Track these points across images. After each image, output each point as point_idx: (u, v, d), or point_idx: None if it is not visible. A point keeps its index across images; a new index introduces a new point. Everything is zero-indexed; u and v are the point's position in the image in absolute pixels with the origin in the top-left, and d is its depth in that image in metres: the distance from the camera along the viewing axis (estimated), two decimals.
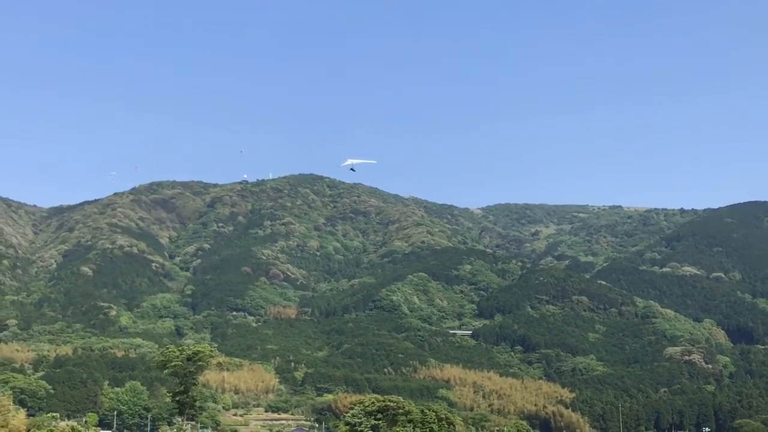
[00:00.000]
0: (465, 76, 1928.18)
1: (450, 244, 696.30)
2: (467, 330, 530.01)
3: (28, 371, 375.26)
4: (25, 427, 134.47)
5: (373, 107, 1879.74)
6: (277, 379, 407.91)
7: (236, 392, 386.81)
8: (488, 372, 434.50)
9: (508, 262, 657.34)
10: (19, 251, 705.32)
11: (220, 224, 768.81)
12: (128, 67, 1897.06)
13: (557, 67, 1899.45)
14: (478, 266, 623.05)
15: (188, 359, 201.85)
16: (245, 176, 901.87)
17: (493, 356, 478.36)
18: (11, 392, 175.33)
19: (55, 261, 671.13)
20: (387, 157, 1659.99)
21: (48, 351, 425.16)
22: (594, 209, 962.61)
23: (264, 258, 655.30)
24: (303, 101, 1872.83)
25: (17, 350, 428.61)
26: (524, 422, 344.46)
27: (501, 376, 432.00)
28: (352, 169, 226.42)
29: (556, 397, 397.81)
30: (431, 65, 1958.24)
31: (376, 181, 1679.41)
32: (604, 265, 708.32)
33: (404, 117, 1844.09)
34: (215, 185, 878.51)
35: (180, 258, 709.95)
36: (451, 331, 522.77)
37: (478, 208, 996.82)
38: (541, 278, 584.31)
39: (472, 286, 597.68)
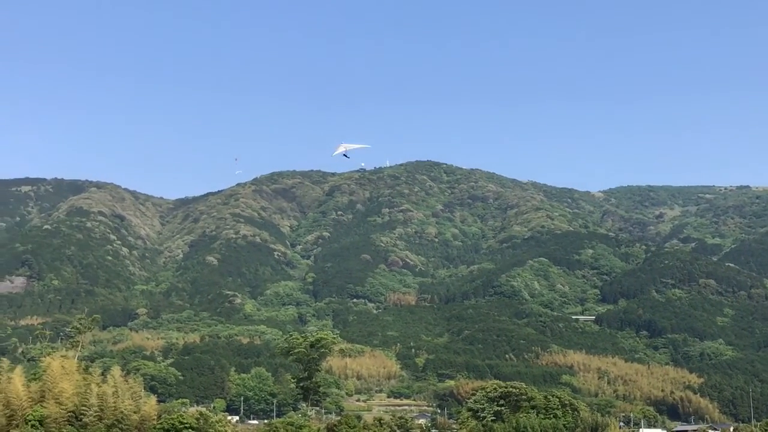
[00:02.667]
0: (588, 60, 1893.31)
1: (571, 228, 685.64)
2: (590, 315, 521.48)
3: (158, 358, 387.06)
4: (155, 413, 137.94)
5: (489, 92, 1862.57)
6: (399, 366, 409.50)
7: (358, 378, 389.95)
8: (613, 357, 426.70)
9: (631, 245, 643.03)
10: (148, 242, 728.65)
11: (339, 212, 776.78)
12: (247, 61, 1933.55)
13: (685, 48, 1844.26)
14: (601, 250, 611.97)
15: (311, 346, 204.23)
16: (363, 164, 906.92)
17: (617, 341, 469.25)
18: (142, 379, 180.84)
19: (182, 251, 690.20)
20: (505, 142, 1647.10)
21: (176, 339, 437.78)
22: (721, 190, 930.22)
23: (383, 245, 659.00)
24: (419, 87, 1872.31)
25: (147, 338, 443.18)
26: (651, 408, 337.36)
27: (626, 361, 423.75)
28: (345, 155, 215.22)
29: (684, 383, 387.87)
30: (556, 50, 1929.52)
31: (493, 166, 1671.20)
32: (732, 247, 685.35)
33: (522, 100, 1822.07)
34: (334, 174, 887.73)
35: (301, 246, 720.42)
36: (573, 317, 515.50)
37: (600, 191, 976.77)
38: (667, 262, 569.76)
39: (595, 271, 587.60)
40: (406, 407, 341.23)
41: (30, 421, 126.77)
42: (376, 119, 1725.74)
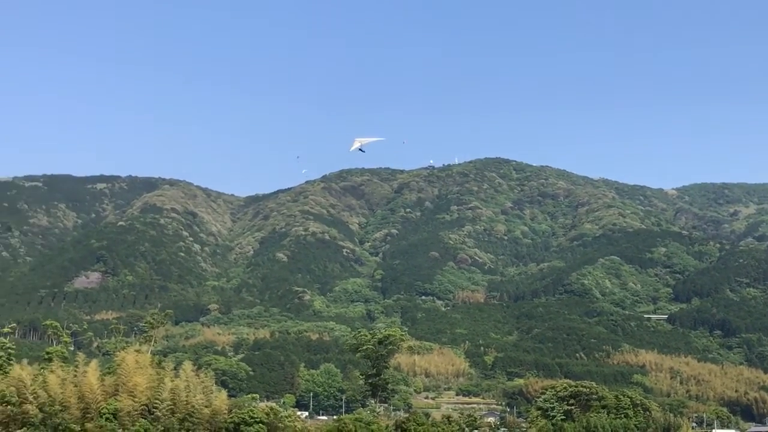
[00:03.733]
0: (660, 58, 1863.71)
1: (643, 226, 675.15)
2: (662, 314, 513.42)
3: (229, 353, 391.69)
4: (226, 408, 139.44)
5: (559, 90, 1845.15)
6: (467, 363, 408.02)
7: (427, 375, 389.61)
8: (685, 357, 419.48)
9: (705, 243, 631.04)
10: (219, 239, 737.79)
11: (408, 210, 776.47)
12: (317, 61, 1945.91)
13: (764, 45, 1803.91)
14: (674, 248, 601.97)
15: (380, 343, 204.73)
16: (431, 161, 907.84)
17: (690, 341, 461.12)
18: (213, 374, 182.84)
19: (252, 248, 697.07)
20: (576, 139, 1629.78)
21: (247, 334, 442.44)
22: None
23: (451, 242, 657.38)
24: (489, 85, 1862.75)
25: (219, 333, 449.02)
26: (724, 409, 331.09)
27: (699, 361, 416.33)
28: (361, 149, 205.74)
29: (759, 383, 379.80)
30: (627, 49, 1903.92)
31: (564, 163, 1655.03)
32: None
33: (594, 98, 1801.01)
34: (402, 171, 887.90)
35: (369, 243, 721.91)
36: (645, 316, 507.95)
37: (673, 189, 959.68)
38: (742, 260, 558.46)
39: (667, 269, 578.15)
40: (475, 405, 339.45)
41: (104, 414, 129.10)
42: (445, 117, 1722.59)
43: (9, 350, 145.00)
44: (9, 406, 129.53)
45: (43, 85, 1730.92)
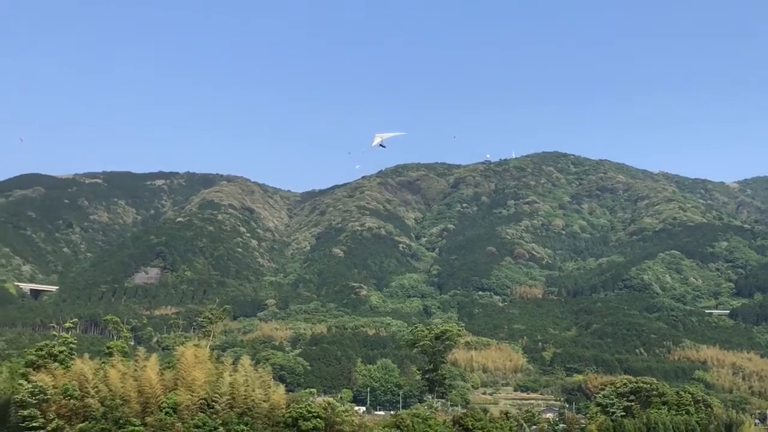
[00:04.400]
0: (721, 48, 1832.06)
1: (704, 220, 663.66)
2: (724, 309, 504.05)
3: (286, 348, 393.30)
4: (284, 402, 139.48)
5: (617, 82, 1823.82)
6: (525, 359, 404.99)
7: (484, 371, 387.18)
8: (748, 353, 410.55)
9: (767, 237, 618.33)
10: (276, 234, 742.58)
11: (464, 205, 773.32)
12: (370, 64, 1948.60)
13: None
14: (736, 243, 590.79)
15: (437, 338, 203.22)
16: (488, 156, 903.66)
17: (753, 336, 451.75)
18: (271, 368, 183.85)
19: (309, 243, 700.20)
20: (635, 132, 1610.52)
21: (304, 329, 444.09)
22: None
23: (508, 237, 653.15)
24: (545, 80, 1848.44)
25: (276, 328, 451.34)
26: None
27: (762, 357, 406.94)
28: (381, 145, 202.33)
29: None
30: (687, 39, 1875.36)
31: (623, 157, 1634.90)
32: None
33: (653, 90, 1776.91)
34: (458, 166, 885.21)
35: (426, 239, 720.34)
36: (707, 311, 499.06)
37: (735, 182, 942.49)
38: None
39: (729, 264, 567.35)
40: (533, 401, 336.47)
41: (164, 408, 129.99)
42: (502, 111, 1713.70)
43: (71, 345, 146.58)
44: (71, 400, 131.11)
45: (103, 85, 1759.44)
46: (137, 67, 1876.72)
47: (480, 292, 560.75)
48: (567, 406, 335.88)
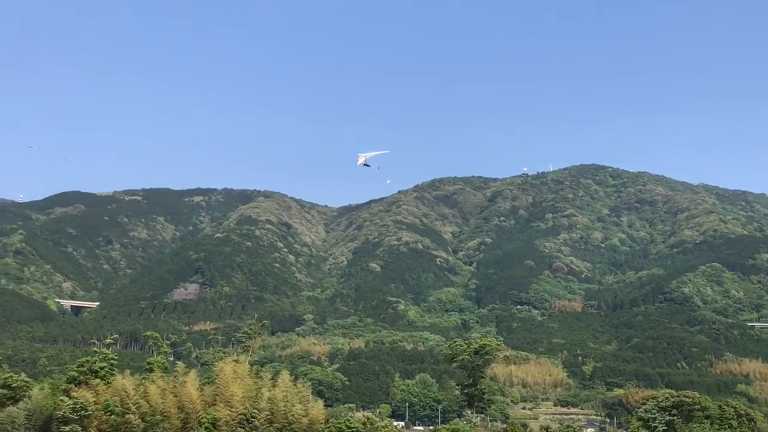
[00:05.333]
0: (758, 58, 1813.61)
1: (745, 232, 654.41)
2: (767, 322, 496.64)
3: (324, 363, 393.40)
4: (323, 417, 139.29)
5: (654, 94, 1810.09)
6: (565, 373, 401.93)
7: (524, 386, 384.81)
8: None
9: None
10: (313, 249, 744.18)
11: (502, 218, 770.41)
12: (405, 82, 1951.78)
13: None
14: None
15: (475, 352, 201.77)
16: (525, 169, 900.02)
17: None
18: (310, 383, 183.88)
19: (346, 258, 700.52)
20: (674, 143, 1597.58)
21: (342, 344, 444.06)
22: None
23: (547, 251, 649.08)
24: (582, 91, 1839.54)
25: (314, 343, 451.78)
26: None
27: None
28: (366, 164, 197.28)
29: None
30: (724, 51, 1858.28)
31: (662, 169, 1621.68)
32: None
33: (690, 102, 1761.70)
34: (495, 179, 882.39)
35: (463, 252, 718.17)
36: (749, 324, 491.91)
37: None
38: None
39: None
40: (574, 416, 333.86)
41: (203, 423, 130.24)
42: (538, 124, 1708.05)
43: (111, 361, 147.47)
44: (112, 416, 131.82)
45: (142, 103, 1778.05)
46: (176, 85, 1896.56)
47: (518, 306, 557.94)
48: (608, 420, 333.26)
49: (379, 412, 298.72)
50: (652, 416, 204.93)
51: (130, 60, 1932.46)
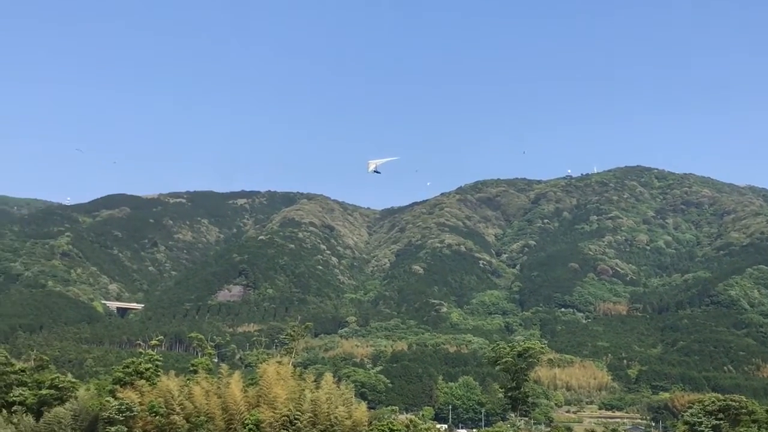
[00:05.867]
0: None
1: None
2: None
3: (367, 366, 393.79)
4: (366, 420, 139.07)
5: (701, 94, 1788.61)
6: (610, 377, 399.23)
7: (568, 389, 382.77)
8: None
9: None
10: (356, 252, 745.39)
11: (546, 220, 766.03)
12: (449, 81, 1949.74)
13: None
14: None
15: (519, 355, 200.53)
16: (569, 171, 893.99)
17: None
18: (353, 385, 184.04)
19: (389, 260, 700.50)
20: (721, 144, 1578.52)
21: (385, 346, 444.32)
22: None
23: (591, 253, 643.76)
24: (627, 92, 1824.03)
25: (357, 345, 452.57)
26: None
27: None
28: (376, 171, 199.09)
29: None
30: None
31: (708, 170, 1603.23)
32: None
33: (737, 102, 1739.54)
34: (539, 182, 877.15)
35: (506, 255, 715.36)
36: None
37: None
38: None
39: None
40: (618, 419, 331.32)
41: (247, 425, 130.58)
42: (583, 125, 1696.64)
43: (157, 362, 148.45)
44: (157, 417, 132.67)
45: (185, 108, 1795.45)
46: (220, 90, 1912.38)
47: (562, 309, 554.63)
48: (653, 424, 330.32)
49: (422, 415, 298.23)
50: (698, 420, 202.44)
51: (174, 65, 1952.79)
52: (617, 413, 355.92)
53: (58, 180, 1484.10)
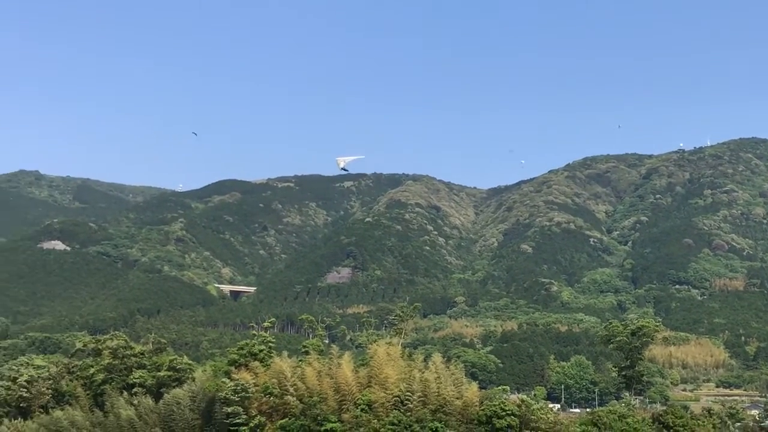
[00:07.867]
0: None
1: None
2: None
3: (477, 346, 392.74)
4: (477, 400, 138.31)
5: None
6: (727, 354, 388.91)
7: (684, 367, 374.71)
8: None
9: None
10: (463, 232, 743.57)
11: (657, 196, 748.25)
12: (544, 65, 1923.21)
13: None
14: None
15: (633, 334, 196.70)
16: (681, 145, 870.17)
17: None
18: (463, 366, 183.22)
19: (496, 240, 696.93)
20: None
21: (494, 326, 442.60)
22: None
23: (706, 228, 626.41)
24: (739, 62, 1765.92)
25: (466, 326, 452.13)
26: None
27: None
28: (344, 169, 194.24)
29: None
30: None
31: None
32: None
33: None
34: (650, 156, 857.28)
35: (617, 232, 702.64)
36: None
37: None
38: None
39: None
40: (737, 397, 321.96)
41: (360, 405, 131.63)
42: (695, 97, 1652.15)
43: (270, 344, 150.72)
44: (271, 398, 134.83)
45: (291, 96, 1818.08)
46: (325, 76, 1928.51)
47: (677, 286, 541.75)
48: None
49: (534, 395, 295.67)
50: None
51: (280, 58, 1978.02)
52: (735, 391, 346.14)
53: (170, 168, 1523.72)
